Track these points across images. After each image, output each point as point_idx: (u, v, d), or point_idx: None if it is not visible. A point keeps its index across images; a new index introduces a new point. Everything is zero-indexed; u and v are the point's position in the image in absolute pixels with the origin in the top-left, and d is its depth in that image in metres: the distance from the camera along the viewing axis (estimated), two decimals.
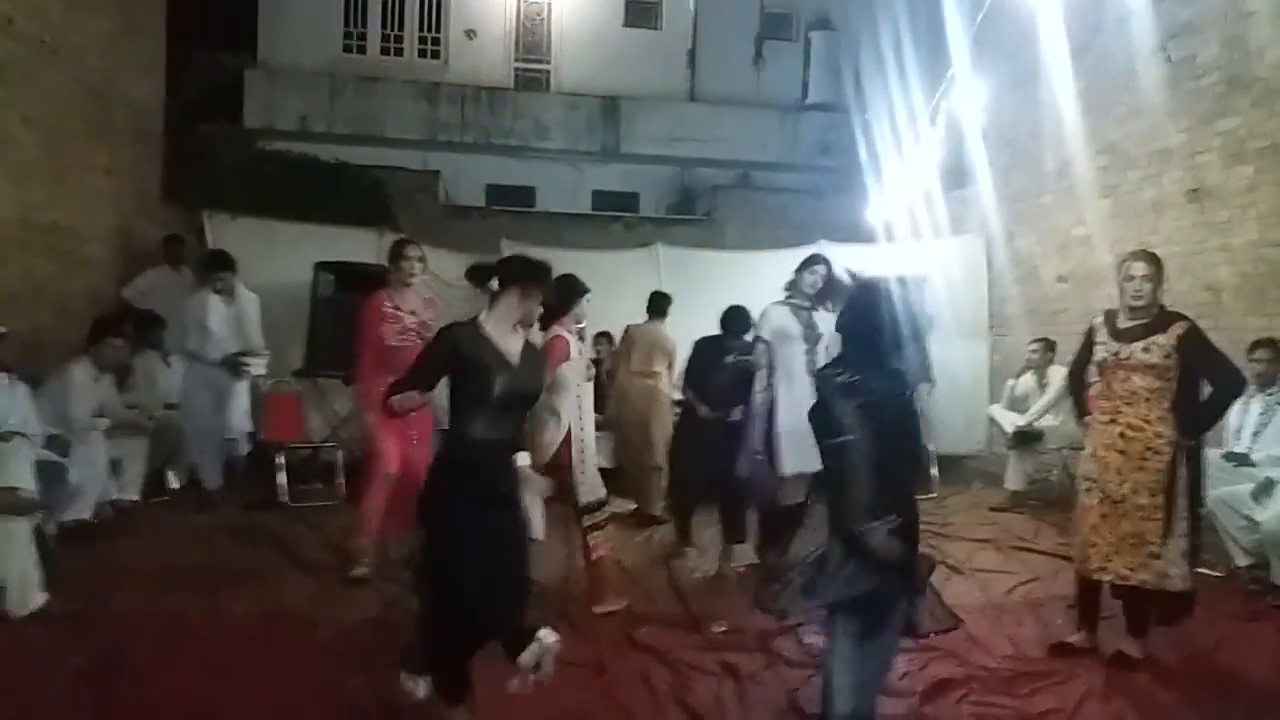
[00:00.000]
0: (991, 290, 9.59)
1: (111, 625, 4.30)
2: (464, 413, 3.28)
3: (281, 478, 7.20)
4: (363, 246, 9.14)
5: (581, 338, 5.32)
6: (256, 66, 14.21)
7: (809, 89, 16.03)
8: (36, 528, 4.94)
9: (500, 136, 14.77)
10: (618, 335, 8.54)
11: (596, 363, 7.68)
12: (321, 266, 8.08)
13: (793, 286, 5.39)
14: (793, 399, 5.05)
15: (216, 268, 7.18)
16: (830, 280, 5.21)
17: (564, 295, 4.74)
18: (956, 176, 9.75)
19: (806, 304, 5.31)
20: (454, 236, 10.72)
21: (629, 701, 3.71)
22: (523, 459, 3.48)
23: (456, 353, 3.25)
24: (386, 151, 13.75)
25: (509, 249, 8.99)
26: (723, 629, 4.57)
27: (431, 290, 6.41)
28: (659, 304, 7.54)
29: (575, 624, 4.49)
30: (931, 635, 3.25)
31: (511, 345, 3.35)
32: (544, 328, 4.64)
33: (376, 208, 11.16)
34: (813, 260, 5.37)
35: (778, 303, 5.36)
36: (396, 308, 5.39)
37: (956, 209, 9.76)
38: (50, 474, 5.11)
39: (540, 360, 3.69)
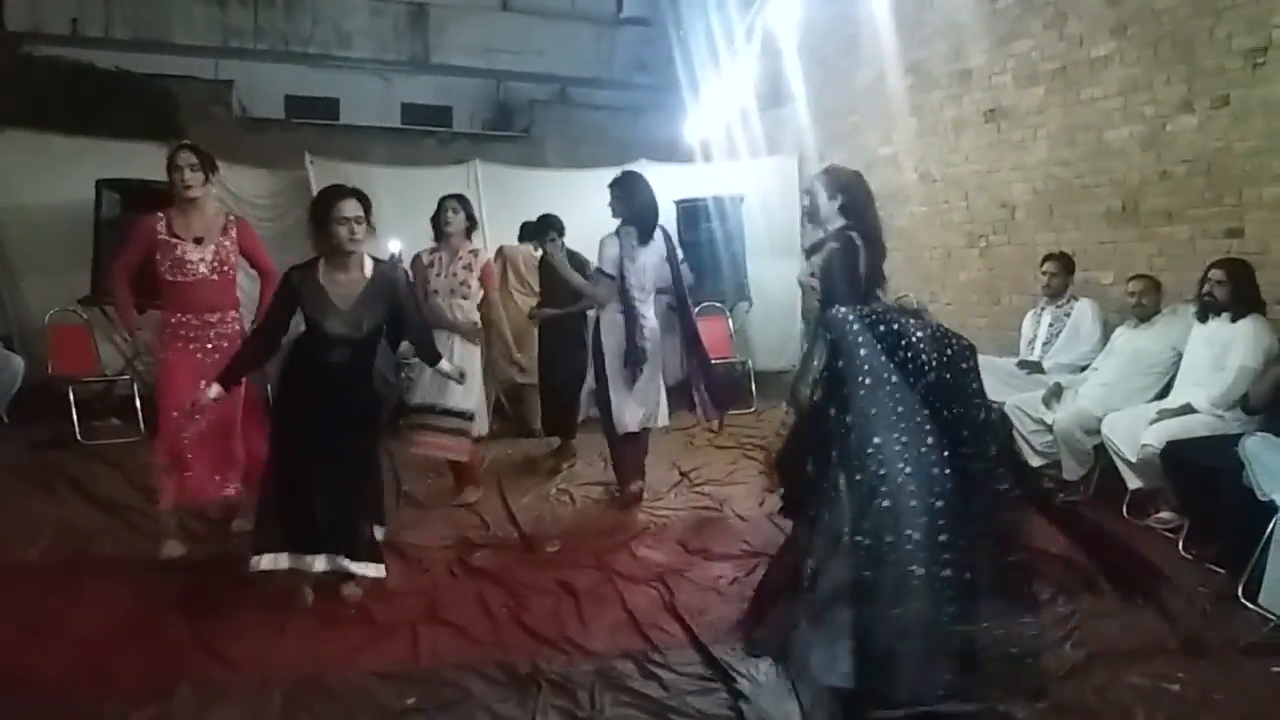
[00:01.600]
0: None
1: None
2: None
3: (74, 414, 6.69)
4: (151, 162, 8.36)
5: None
6: None
7: (623, 1, 15.79)
8: None
9: (299, 44, 13.85)
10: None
11: None
12: (105, 184, 7.42)
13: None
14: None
15: None
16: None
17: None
18: (772, 96, 9.87)
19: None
20: (252, 151, 10.04)
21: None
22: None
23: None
24: (173, 60, 12.66)
25: (315, 164, 8.52)
26: (556, 549, 4.59)
27: (229, 210, 5.20)
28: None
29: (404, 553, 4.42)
30: None
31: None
32: None
33: (164, 120, 10.30)
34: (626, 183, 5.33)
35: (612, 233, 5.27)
36: (174, 234, 4.23)
37: (772, 128, 9.90)
38: None
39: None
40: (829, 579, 3.05)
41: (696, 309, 8.74)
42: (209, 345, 4.32)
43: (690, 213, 8.99)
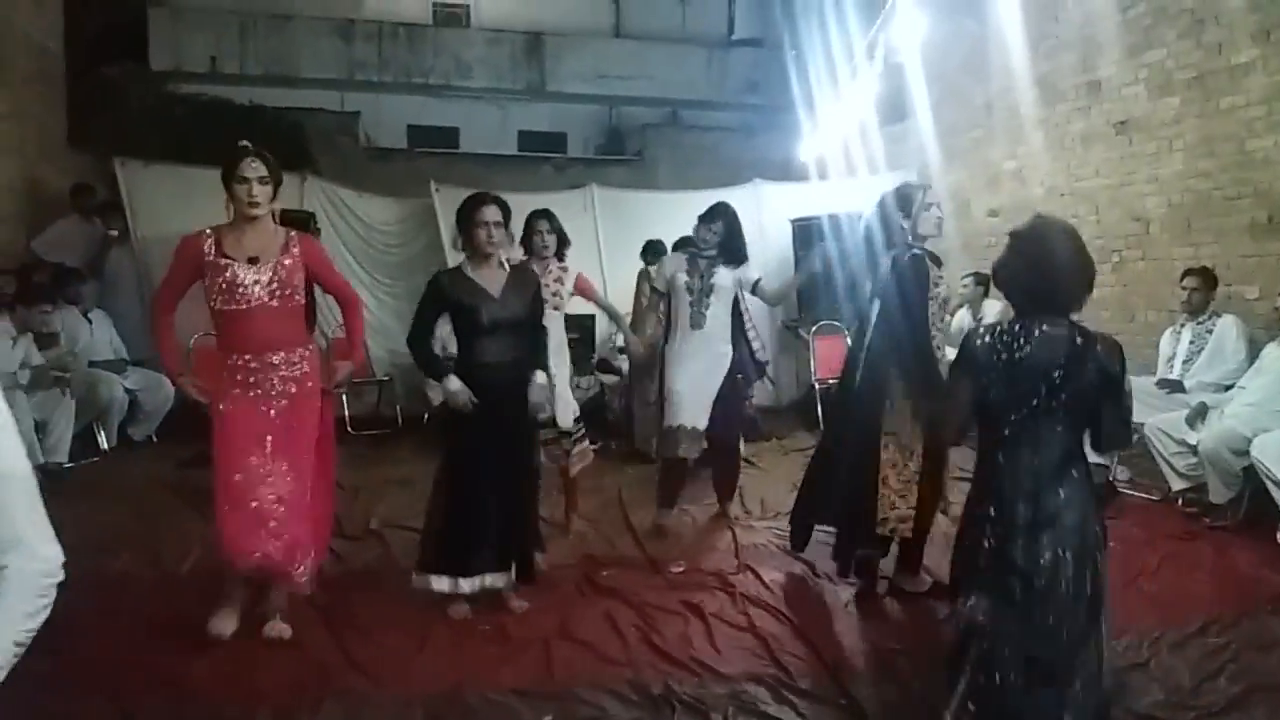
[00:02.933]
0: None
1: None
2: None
3: None
4: (287, 191, 8.81)
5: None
6: (160, 4, 13.47)
7: (734, 23, 15.84)
8: None
9: (420, 75, 14.29)
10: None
11: None
12: None
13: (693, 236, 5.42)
14: (676, 350, 5.28)
15: None
16: (731, 233, 5.22)
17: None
18: (892, 112, 9.76)
19: (705, 255, 5.25)
20: (378, 179, 10.43)
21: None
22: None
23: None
24: (303, 93, 13.24)
25: (440, 192, 8.77)
26: (681, 569, 4.60)
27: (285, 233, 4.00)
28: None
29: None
30: None
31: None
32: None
33: (296, 151, 10.75)
34: (711, 214, 5.26)
35: (676, 253, 5.49)
36: (224, 253, 3.53)
37: (890, 145, 9.79)
38: None
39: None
40: None
41: (815, 327, 8.72)
42: (273, 392, 3.62)
43: (806, 230, 8.94)
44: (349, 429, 8.17)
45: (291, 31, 13.79)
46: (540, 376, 4.09)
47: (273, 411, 3.61)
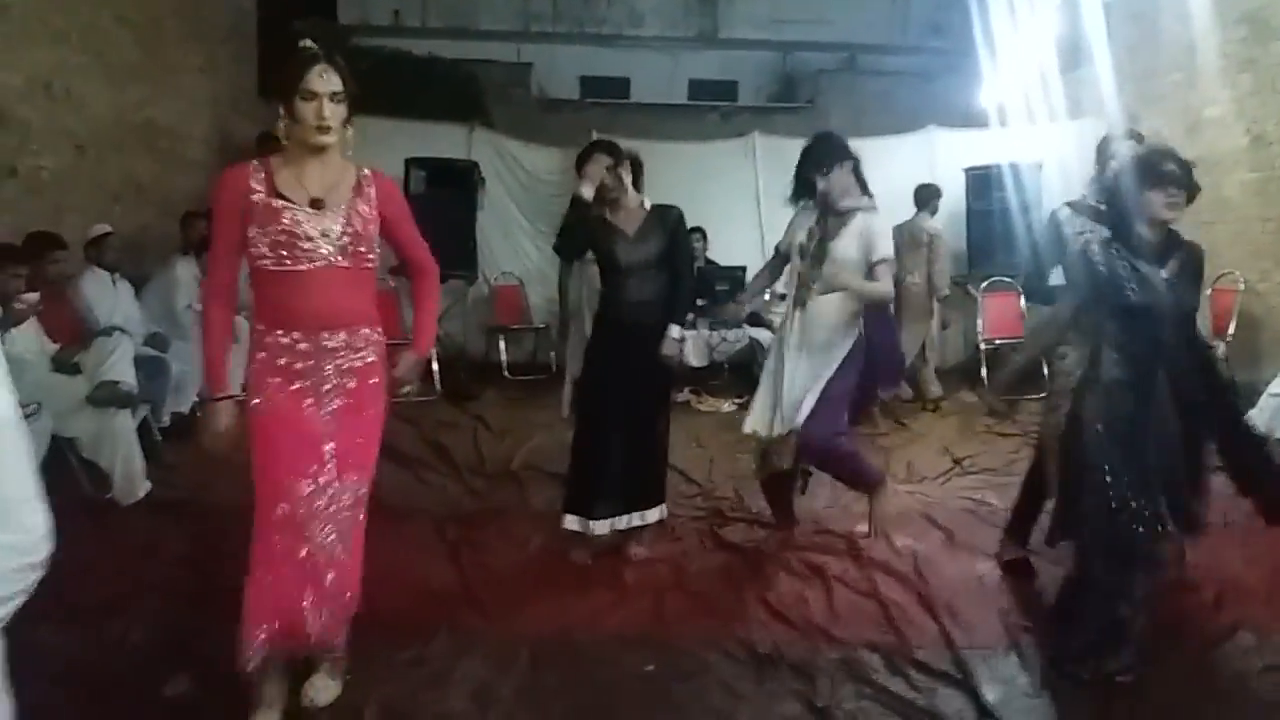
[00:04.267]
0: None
1: (211, 514, 4.44)
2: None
3: None
4: (454, 142, 9.10)
5: None
6: None
7: None
8: (144, 420, 5.15)
9: (593, 25, 14.35)
10: (712, 232, 8.34)
11: None
12: (413, 163, 8.05)
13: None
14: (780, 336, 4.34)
15: None
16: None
17: None
18: (1075, 56, 9.06)
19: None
20: (547, 130, 10.54)
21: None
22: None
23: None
24: (480, 45, 13.51)
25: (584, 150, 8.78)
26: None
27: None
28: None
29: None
30: None
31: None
32: None
33: (469, 102, 11.02)
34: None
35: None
36: (278, 193, 2.56)
37: (1075, 91, 9.09)
38: (152, 369, 5.27)
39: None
40: None
41: (985, 283, 8.27)
42: (326, 387, 2.62)
43: (981, 180, 8.47)
44: (505, 373, 8.41)
45: None
46: (675, 330, 3.97)
47: (326, 413, 2.62)
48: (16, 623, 1.90)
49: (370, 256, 2.66)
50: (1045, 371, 4.15)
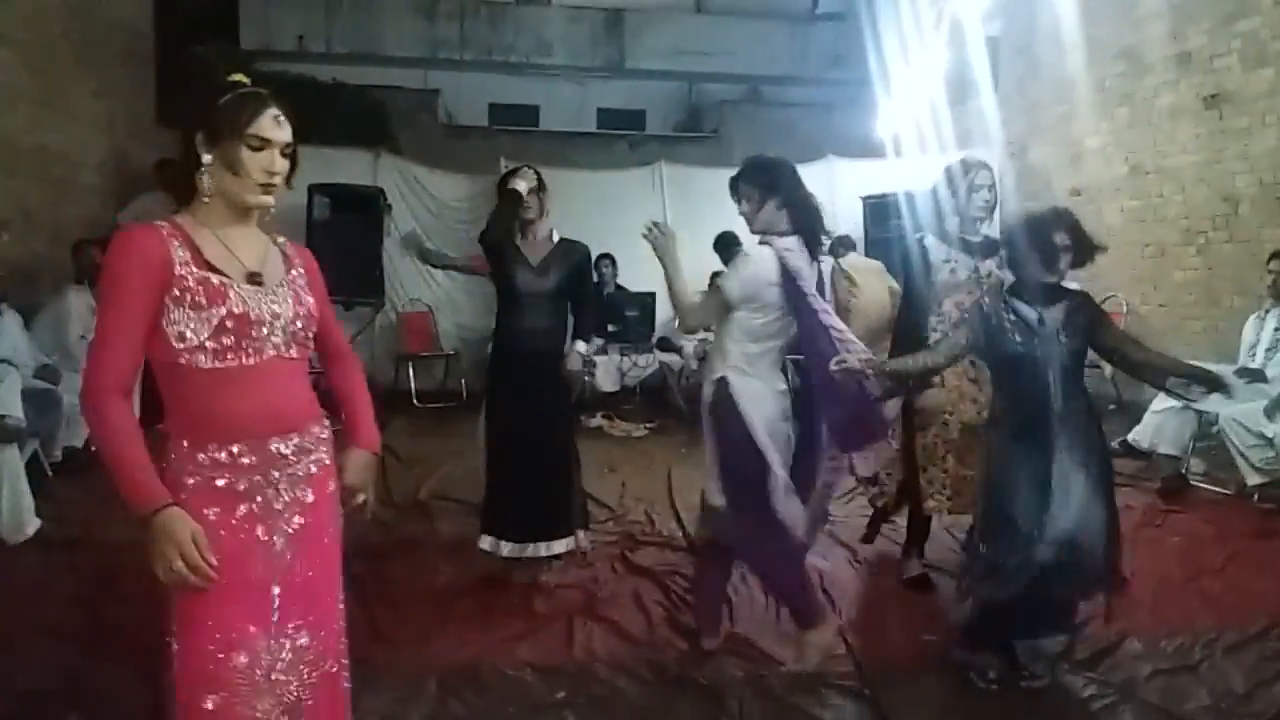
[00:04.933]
0: (1002, 206, 9.35)
1: (104, 551, 4.29)
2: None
3: None
4: (359, 168, 9.02)
5: None
6: None
7: None
8: (34, 454, 4.96)
9: (501, 53, 14.34)
10: (621, 259, 8.41)
11: None
12: (317, 188, 7.94)
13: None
14: None
15: None
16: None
17: None
18: (966, 89, 9.44)
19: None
20: (455, 157, 10.52)
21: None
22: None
23: None
24: (387, 71, 13.44)
25: (509, 169, 8.80)
26: None
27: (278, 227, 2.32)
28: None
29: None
30: None
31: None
32: None
33: (375, 128, 10.95)
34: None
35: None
36: (207, 265, 1.93)
37: (965, 121, 9.46)
38: (42, 402, 5.09)
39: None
40: None
41: None
42: (280, 505, 2.00)
43: (878, 208, 8.73)
44: (415, 401, 8.32)
45: (376, 10, 13.96)
46: (580, 346, 4.10)
47: (279, 541, 1.99)
48: None
49: (310, 343, 2.10)
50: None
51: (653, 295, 7.75)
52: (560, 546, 4.05)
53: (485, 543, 4.01)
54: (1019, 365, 3.05)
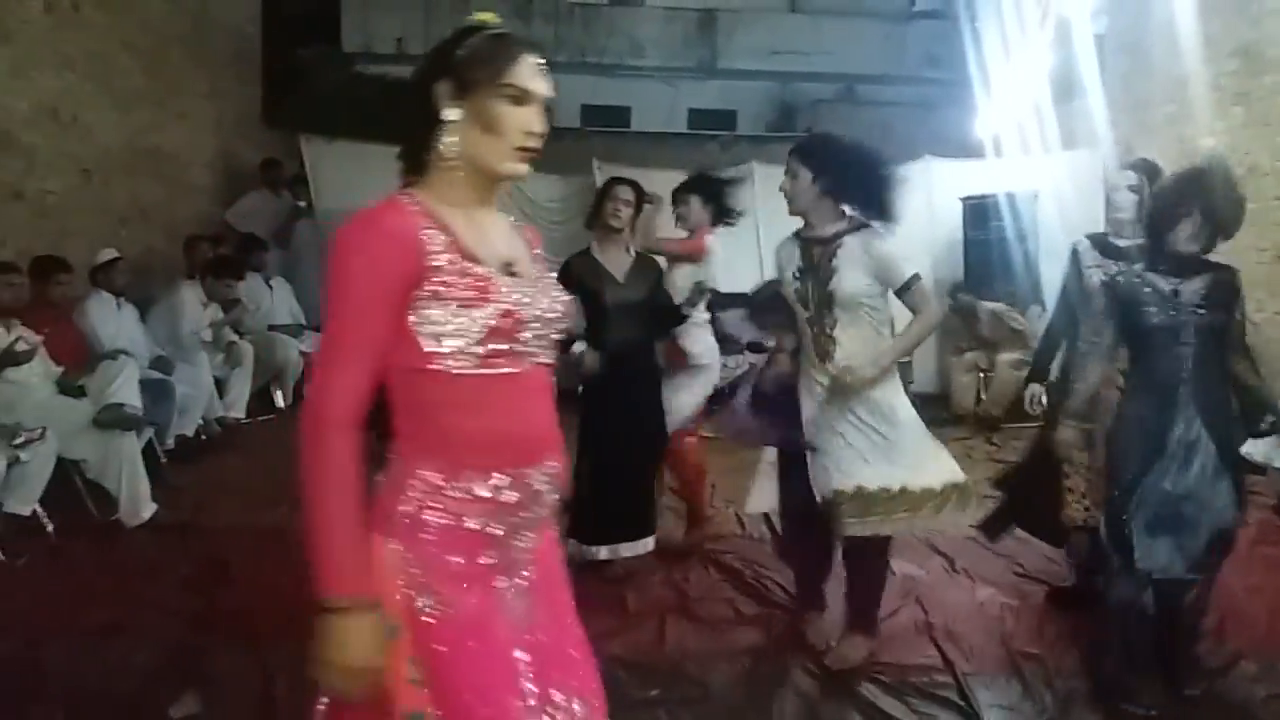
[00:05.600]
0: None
1: (213, 536, 4.47)
2: None
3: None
4: None
5: None
6: None
7: None
8: (148, 442, 5.18)
9: (594, 55, 14.47)
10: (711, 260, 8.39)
11: None
12: None
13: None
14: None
15: None
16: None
17: None
18: (1069, 88, 9.18)
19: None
20: (548, 159, 10.47)
21: None
22: None
23: None
24: None
25: (601, 170, 8.87)
26: None
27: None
28: None
29: None
30: None
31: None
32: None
33: None
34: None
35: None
36: (463, 252, 1.50)
37: (1071, 121, 9.20)
38: (157, 392, 5.30)
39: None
40: None
41: None
42: (518, 553, 1.60)
43: (978, 210, 8.55)
44: None
45: (472, 12, 14.08)
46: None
47: (515, 595, 1.59)
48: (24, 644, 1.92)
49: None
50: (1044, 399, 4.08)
51: (744, 297, 7.70)
52: (647, 546, 4.14)
53: (572, 548, 3.93)
54: (1151, 337, 2.98)
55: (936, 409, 7.48)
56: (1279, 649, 3.47)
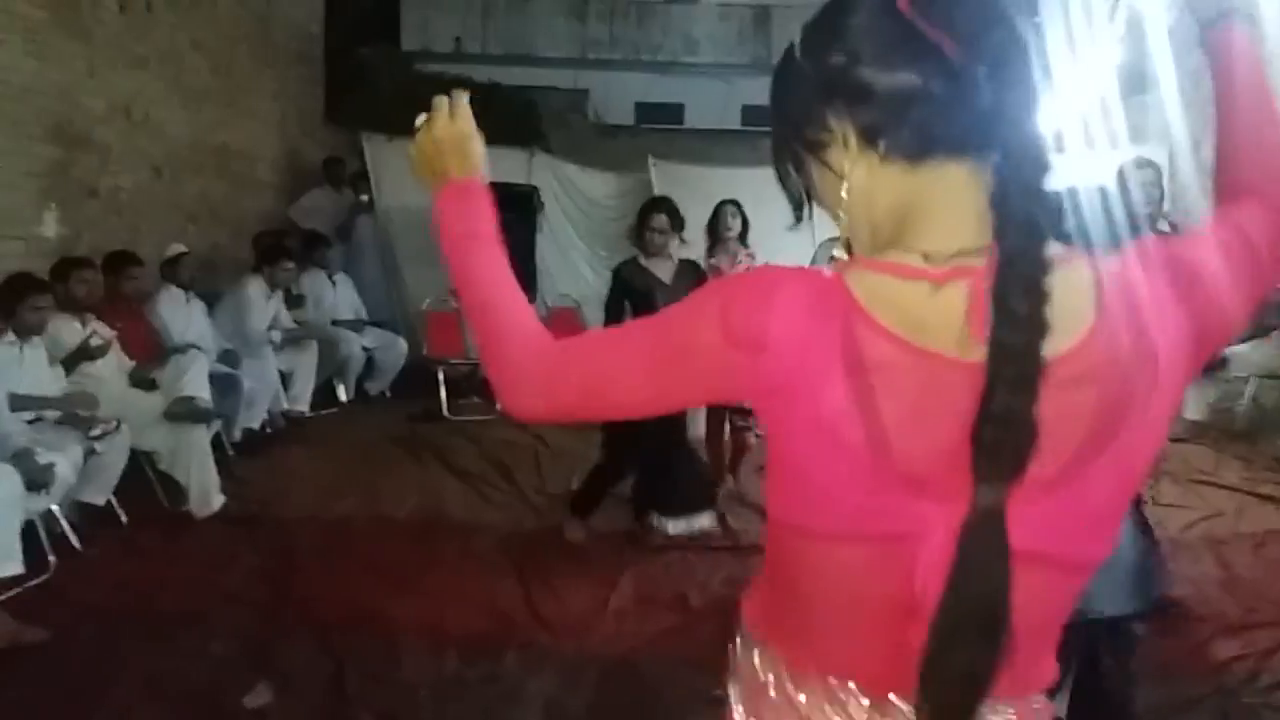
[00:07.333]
0: (1175, 203, 8.87)
1: (281, 527, 4.55)
2: None
3: (442, 392, 7.37)
4: (515, 166, 9.24)
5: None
6: None
7: None
8: (217, 435, 5.28)
9: (649, 52, 14.47)
10: (766, 255, 8.35)
11: None
12: None
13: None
14: None
15: None
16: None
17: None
18: (1137, 81, 8.98)
19: None
20: (604, 156, 10.66)
21: None
22: None
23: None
24: (538, 71, 13.71)
25: (656, 167, 8.88)
26: None
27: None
28: None
29: None
30: None
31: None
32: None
33: (529, 128, 11.18)
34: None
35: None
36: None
37: (1137, 117, 9.00)
38: (225, 385, 5.41)
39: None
40: None
41: None
42: None
43: None
44: None
45: (530, 11, 14.30)
46: None
47: None
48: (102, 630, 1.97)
49: None
50: None
51: None
52: (710, 519, 4.57)
53: (653, 519, 4.49)
54: None
55: None
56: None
